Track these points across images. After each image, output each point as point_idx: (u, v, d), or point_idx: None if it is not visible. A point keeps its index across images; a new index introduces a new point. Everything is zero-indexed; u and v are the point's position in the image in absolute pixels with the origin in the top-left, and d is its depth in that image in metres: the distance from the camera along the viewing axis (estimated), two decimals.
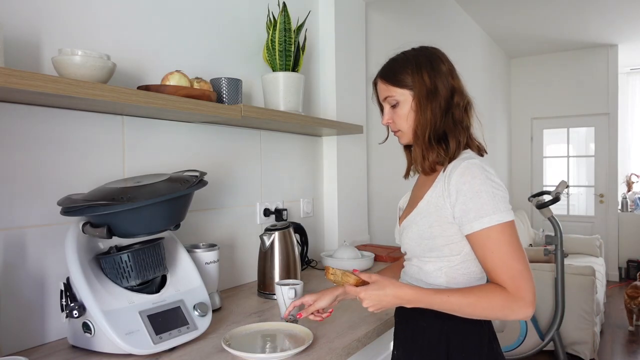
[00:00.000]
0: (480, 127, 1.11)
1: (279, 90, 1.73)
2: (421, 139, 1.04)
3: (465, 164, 0.97)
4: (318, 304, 1.12)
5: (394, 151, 2.86)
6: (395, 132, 1.13)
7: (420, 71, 1.04)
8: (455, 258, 1.01)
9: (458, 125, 1.04)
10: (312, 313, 1.13)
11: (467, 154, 1.03)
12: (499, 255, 0.92)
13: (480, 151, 1.07)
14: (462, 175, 0.95)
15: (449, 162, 1.02)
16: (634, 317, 3.85)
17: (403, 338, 1.11)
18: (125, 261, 1.07)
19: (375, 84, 1.14)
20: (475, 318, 0.96)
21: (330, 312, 1.16)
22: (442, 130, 1.03)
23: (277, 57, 1.73)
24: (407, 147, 1.18)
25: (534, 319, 3.10)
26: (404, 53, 1.10)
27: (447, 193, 0.98)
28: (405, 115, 1.06)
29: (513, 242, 0.92)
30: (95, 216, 1.04)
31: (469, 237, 0.97)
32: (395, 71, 1.07)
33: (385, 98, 1.09)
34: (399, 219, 1.19)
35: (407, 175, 1.20)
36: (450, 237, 0.99)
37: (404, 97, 1.06)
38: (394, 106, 1.08)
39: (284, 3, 1.72)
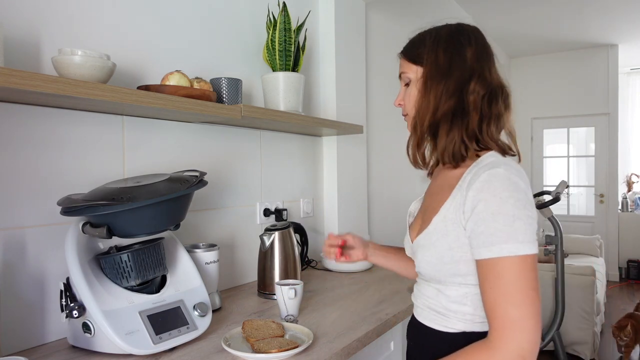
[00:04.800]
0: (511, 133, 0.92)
1: (279, 90, 1.73)
2: (418, 124, 0.91)
3: (486, 175, 0.80)
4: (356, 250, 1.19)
5: (393, 151, 2.87)
6: (404, 117, 0.98)
7: (437, 47, 0.90)
8: None
9: (466, 113, 0.87)
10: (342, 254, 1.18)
11: (492, 157, 0.85)
12: (496, 293, 0.77)
13: (505, 151, 0.89)
14: (480, 190, 0.79)
15: (440, 159, 0.90)
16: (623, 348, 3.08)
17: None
18: (125, 261, 1.07)
19: None
20: None
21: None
22: (442, 116, 0.88)
23: (277, 57, 1.73)
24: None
25: None
26: (433, 26, 0.95)
27: (463, 209, 0.82)
28: (414, 96, 0.93)
29: (519, 283, 0.75)
30: (95, 216, 1.04)
31: (476, 263, 0.82)
32: (413, 45, 0.94)
33: (400, 75, 0.96)
34: (409, 227, 1.05)
35: (429, 174, 1.04)
36: (473, 261, 0.84)
37: (416, 75, 0.92)
38: (407, 84, 0.95)
39: (284, 3, 1.72)
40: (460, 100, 0.87)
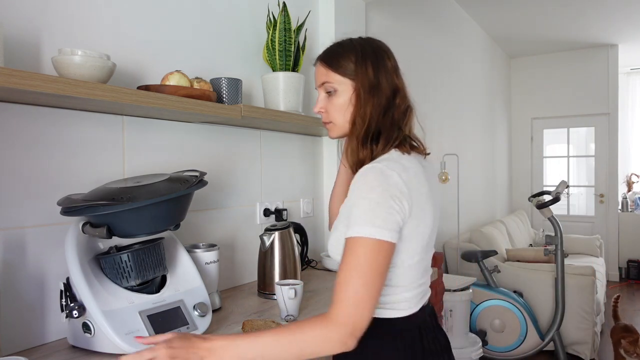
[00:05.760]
0: (423, 133, 1.04)
1: (279, 90, 1.73)
2: (356, 134, 0.97)
3: (363, 169, 0.90)
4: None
5: None
6: (326, 124, 1.04)
7: (365, 62, 0.96)
8: None
9: (395, 126, 0.97)
10: None
11: (387, 154, 0.95)
12: (346, 269, 0.83)
13: (412, 149, 0.99)
14: (356, 180, 0.90)
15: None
16: None
17: None
18: (125, 261, 1.07)
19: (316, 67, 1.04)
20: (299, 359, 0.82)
21: None
22: (378, 128, 0.96)
23: (277, 57, 1.73)
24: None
25: (534, 319, 3.10)
26: (351, 40, 1.01)
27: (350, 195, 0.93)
28: (342, 106, 0.99)
29: (370, 263, 0.82)
30: (95, 216, 1.04)
31: None
32: (338, 56, 0.99)
33: (323, 83, 1.00)
34: None
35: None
36: None
37: (344, 86, 0.98)
38: (329, 93, 1.00)
39: (284, 3, 1.72)
40: (391, 113, 0.98)
